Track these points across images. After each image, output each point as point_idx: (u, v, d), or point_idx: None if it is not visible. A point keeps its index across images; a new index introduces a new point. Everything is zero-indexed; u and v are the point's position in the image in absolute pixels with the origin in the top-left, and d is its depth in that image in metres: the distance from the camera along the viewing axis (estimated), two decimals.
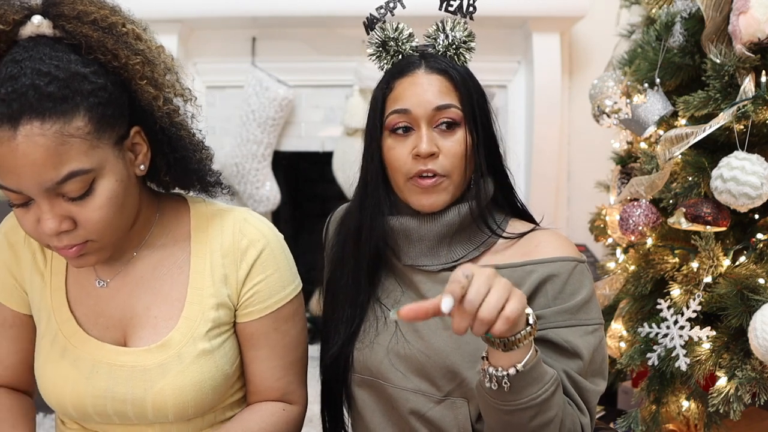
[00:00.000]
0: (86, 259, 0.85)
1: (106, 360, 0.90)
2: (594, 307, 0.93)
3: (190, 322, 0.91)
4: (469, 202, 0.97)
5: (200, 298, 0.93)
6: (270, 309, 0.96)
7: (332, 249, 1.08)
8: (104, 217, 0.81)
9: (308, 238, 3.58)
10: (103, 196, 0.80)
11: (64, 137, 0.75)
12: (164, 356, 0.90)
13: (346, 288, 1.02)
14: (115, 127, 0.81)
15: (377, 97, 0.98)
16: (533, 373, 0.78)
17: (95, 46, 0.79)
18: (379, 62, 1.01)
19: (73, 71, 0.76)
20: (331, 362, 1.02)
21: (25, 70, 0.74)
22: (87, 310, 0.93)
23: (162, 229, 0.96)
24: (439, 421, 0.94)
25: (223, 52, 2.92)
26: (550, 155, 2.82)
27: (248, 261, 0.94)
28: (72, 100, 0.75)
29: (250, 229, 0.96)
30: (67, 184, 0.77)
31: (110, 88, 0.80)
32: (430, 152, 0.93)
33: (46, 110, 0.73)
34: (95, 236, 0.82)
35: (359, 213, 1.01)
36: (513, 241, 0.98)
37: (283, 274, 0.97)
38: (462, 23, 0.99)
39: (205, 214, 0.98)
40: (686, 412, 1.53)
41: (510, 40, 2.81)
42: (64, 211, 0.79)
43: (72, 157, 0.76)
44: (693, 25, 1.52)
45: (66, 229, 0.80)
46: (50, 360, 0.92)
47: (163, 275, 0.94)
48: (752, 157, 1.32)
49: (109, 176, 0.81)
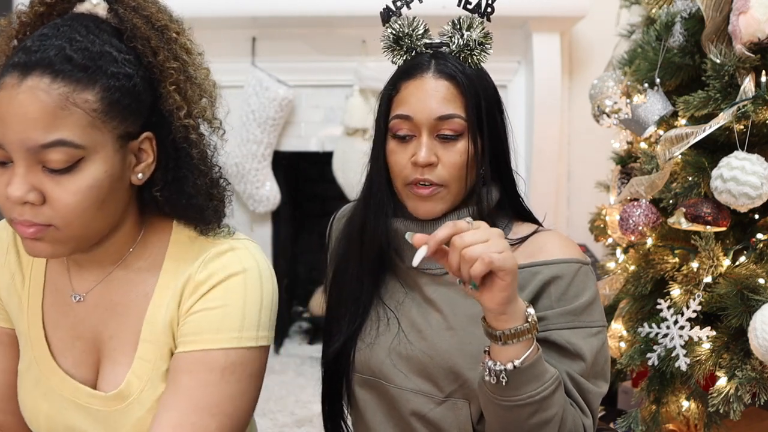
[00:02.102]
0: (40, 247, 0.76)
1: (73, 398, 0.85)
2: (597, 310, 0.93)
3: (146, 363, 0.83)
4: (470, 208, 0.96)
5: (154, 335, 0.83)
6: (192, 346, 0.80)
7: (336, 247, 1.07)
8: (77, 203, 0.74)
9: (308, 238, 3.58)
10: (83, 181, 0.74)
11: (68, 103, 0.71)
12: (124, 403, 0.83)
13: (350, 285, 1.01)
14: (126, 120, 0.77)
15: (383, 97, 0.98)
16: (533, 371, 0.78)
17: (138, 36, 0.78)
18: (391, 56, 1.00)
19: (105, 50, 0.74)
20: (333, 359, 1.02)
21: (59, 33, 0.73)
22: (63, 334, 0.87)
23: (143, 250, 0.87)
24: (440, 421, 0.93)
25: (223, 52, 2.91)
26: (550, 155, 2.82)
27: (199, 292, 0.82)
28: (91, 72, 0.73)
29: (216, 262, 0.83)
30: (52, 151, 0.71)
31: (136, 80, 0.77)
32: (428, 162, 0.92)
33: (61, 72, 0.71)
34: (60, 222, 0.74)
35: (363, 212, 1.00)
36: (516, 244, 0.97)
37: (229, 314, 0.81)
38: (479, 23, 0.96)
39: (184, 242, 0.86)
40: (686, 412, 1.53)
41: (510, 40, 2.82)
42: (38, 182, 0.73)
43: (68, 125, 0.71)
44: (693, 25, 1.52)
45: (32, 201, 0.73)
46: (26, 387, 0.88)
47: (130, 303, 0.85)
48: (752, 157, 1.32)
49: (99, 163, 0.75)
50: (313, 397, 2.57)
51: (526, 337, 0.77)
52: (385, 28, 0.99)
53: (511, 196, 1.02)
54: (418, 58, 0.97)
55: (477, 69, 0.96)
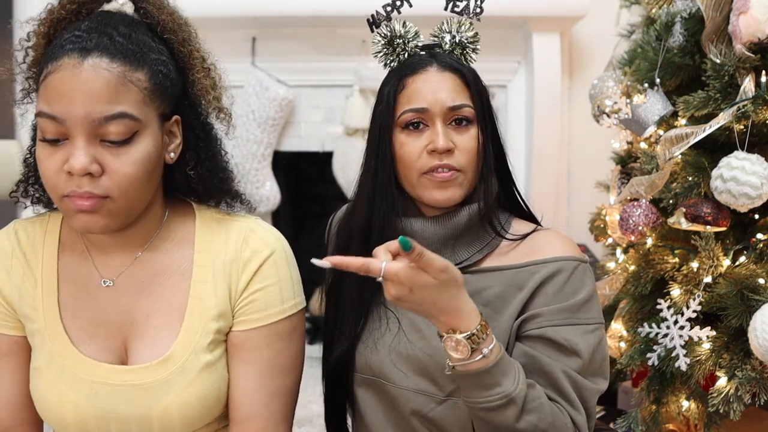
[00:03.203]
0: (96, 219, 0.81)
1: (105, 381, 0.87)
2: (595, 307, 0.94)
3: (192, 334, 0.89)
4: (478, 202, 0.97)
5: (201, 309, 0.90)
6: (264, 321, 0.91)
7: (336, 248, 1.06)
8: (134, 173, 0.81)
9: (308, 238, 3.57)
10: (138, 152, 0.81)
11: (126, 80, 0.79)
12: (167, 372, 0.87)
13: (352, 289, 1.01)
14: (165, 100, 0.85)
15: (388, 94, 0.97)
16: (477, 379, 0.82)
17: (169, 29, 0.87)
18: (385, 59, 1.01)
19: (145, 39, 0.83)
20: (335, 363, 1.02)
21: (103, 24, 0.81)
22: (84, 323, 0.90)
23: (168, 233, 0.93)
24: (441, 421, 0.93)
25: (223, 52, 2.89)
26: (550, 155, 2.82)
27: (249, 271, 0.91)
28: (139, 56, 0.81)
29: (254, 239, 0.93)
30: (114, 123, 0.78)
31: (171, 67, 0.86)
32: (447, 148, 0.93)
33: (117, 53, 0.79)
34: (117, 192, 0.80)
35: (368, 212, 0.99)
36: (516, 242, 0.98)
37: (283, 287, 0.93)
38: (467, 23, 0.99)
39: (210, 222, 0.95)
40: (686, 412, 1.53)
41: (510, 40, 2.82)
42: (98, 155, 0.79)
43: (127, 100, 0.79)
44: (693, 25, 1.52)
45: (94, 172, 0.79)
46: (48, 382, 0.89)
47: (164, 282, 0.91)
48: (752, 157, 1.32)
49: (150, 137, 0.83)
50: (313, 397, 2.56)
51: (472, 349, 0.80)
52: (375, 34, 1.01)
53: (508, 193, 1.03)
54: (416, 56, 0.99)
55: (471, 67, 0.99)
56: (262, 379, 0.91)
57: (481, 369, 0.81)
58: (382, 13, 1.01)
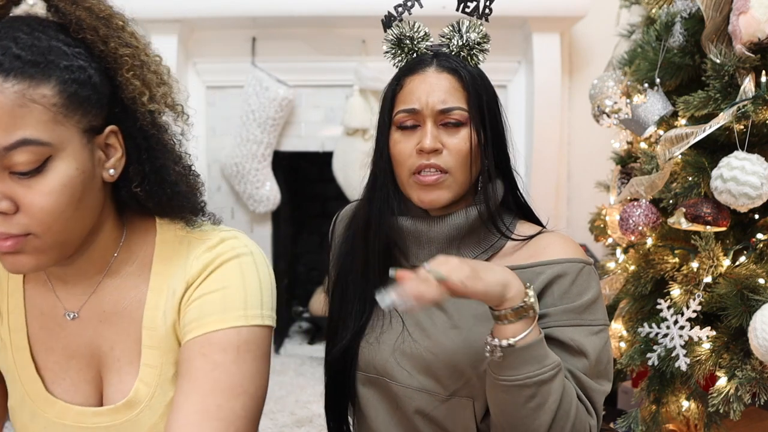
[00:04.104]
0: (22, 260, 0.72)
1: (77, 424, 0.83)
2: (600, 309, 0.94)
3: (152, 369, 0.81)
4: (478, 205, 0.97)
5: (156, 340, 0.81)
6: (199, 330, 0.78)
7: (341, 244, 1.08)
8: (53, 205, 0.70)
9: (308, 238, 3.58)
10: (55, 180, 0.70)
11: (25, 100, 0.67)
12: (134, 412, 0.81)
13: (355, 282, 1.02)
14: (88, 112, 0.73)
15: (387, 94, 1.00)
16: (530, 352, 0.82)
17: (85, 27, 0.74)
18: (393, 59, 1.02)
19: (53, 45, 0.71)
20: (337, 358, 1.02)
21: (1, 35, 0.69)
22: (57, 356, 0.84)
23: (128, 254, 0.83)
24: (444, 420, 0.94)
25: (223, 52, 2.92)
26: (550, 155, 2.82)
27: (195, 285, 0.81)
28: (44, 67, 0.69)
29: (207, 255, 0.82)
30: (17, 153, 0.67)
31: (90, 72, 0.74)
32: (433, 148, 0.93)
33: (12, 69, 0.67)
34: (38, 229, 0.70)
35: (368, 209, 1.01)
36: (521, 243, 0.98)
37: (229, 295, 0.80)
38: (477, 25, 1.00)
39: (172, 241, 0.84)
40: (686, 412, 1.53)
41: (510, 40, 2.82)
42: (8, 189, 0.69)
43: (29, 123, 0.67)
44: (693, 25, 1.52)
45: (5, 211, 0.69)
46: (22, 423, 0.85)
47: (123, 311, 0.83)
48: (752, 157, 1.32)
49: (68, 160, 0.71)
50: (313, 397, 2.57)
51: (523, 317, 0.82)
52: (387, 34, 1.02)
53: (513, 194, 1.03)
54: (420, 56, 1.00)
55: (476, 68, 0.99)
56: (194, 395, 0.76)
57: (537, 339, 0.83)
58: (394, 13, 1.02)
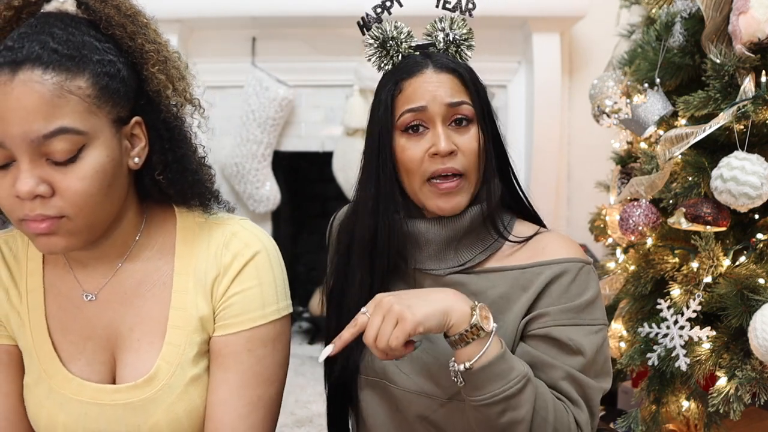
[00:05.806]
0: (55, 241, 0.77)
1: (94, 401, 0.85)
2: (599, 308, 0.94)
3: (175, 348, 0.85)
4: (481, 204, 0.96)
5: (183, 320, 0.86)
6: (244, 325, 0.87)
7: (338, 250, 1.05)
8: (87, 189, 0.75)
9: (308, 238, 3.58)
10: (89, 166, 0.75)
11: (63, 91, 0.72)
12: (154, 389, 0.84)
13: (356, 293, 0.98)
14: (117, 104, 0.78)
15: (386, 99, 0.95)
16: (492, 369, 0.81)
17: (114, 24, 0.80)
18: (378, 62, 0.98)
19: (86, 40, 0.76)
20: (339, 367, 1.00)
21: (38, 30, 0.74)
22: (75, 336, 0.87)
23: (148, 239, 0.89)
24: (444, 423, 0.93)
25: (223, 52, 2.92)
26: (550, 155, 2.82)
27: (230, 275, 0.87)
28: (79, 60, 0.74)
29: (236, 242, 0.89)
30: (55, 141, 0.72)
31: (120, 66, 0.79)
32: (449, 150, 0.91)
33: (51, 62, 0.72)
34: (72, 211, 0.75)
35: (373, 217, 0.97)
36: (519, 243, 0.98)
37: (265, 290, 0.88)
38: (460, 20, 0.97)
39: (192, 227, 0.90)
40: (686, 412, 1.53)
41: (510, 40, 2.81)
42: (46, 174, 0.73)
43: (66, 113, 0.73)
44: (693, 25, 1.52)
45: (42, 194, 0.73)
46: (38, 401, 0.87)
47: (146, 293, 0.87)
48: (752, 157, 1.32)
49: (101, 148, 0.76)
50: (313, 397, 2.57)
51: (473, 339, 0.81)
52: (366, 37, 0.98)
53: (512, 193, 1.02)
54: (411, 58, 0.97)
55: (468, 66, 0.98)
56: (242, 389, 0.86)
57: (496, 356, 0.82)
58: (372, 14, 0.98)
